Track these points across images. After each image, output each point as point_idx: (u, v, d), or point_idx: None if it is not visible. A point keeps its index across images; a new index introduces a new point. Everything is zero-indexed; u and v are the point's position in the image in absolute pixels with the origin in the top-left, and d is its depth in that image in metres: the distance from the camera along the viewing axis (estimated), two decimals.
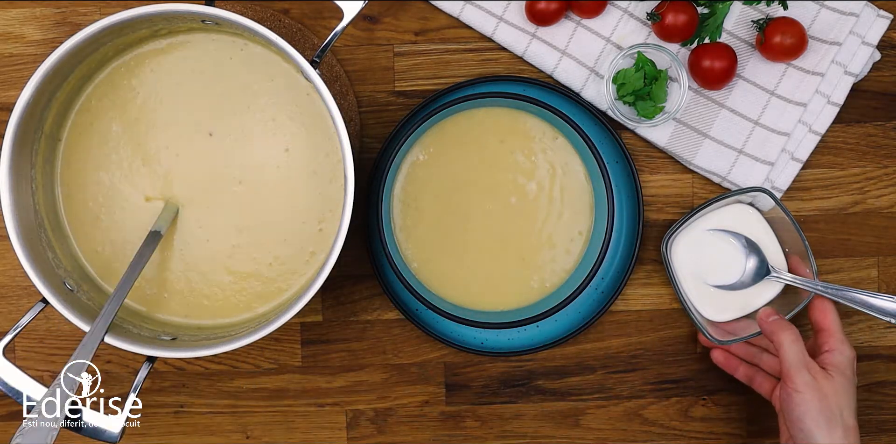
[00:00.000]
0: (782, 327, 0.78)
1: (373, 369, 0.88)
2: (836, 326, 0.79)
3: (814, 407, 0.75)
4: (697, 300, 0.84)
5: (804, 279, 0.82)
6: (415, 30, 0.86)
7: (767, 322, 0.79)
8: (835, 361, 0.77)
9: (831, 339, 0.79)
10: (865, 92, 0.86)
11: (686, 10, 0.81)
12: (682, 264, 0.84)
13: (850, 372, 0.77)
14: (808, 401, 0.75)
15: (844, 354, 0.78)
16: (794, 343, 0.77)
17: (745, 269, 0.83)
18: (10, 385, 0.72)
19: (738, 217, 0.84)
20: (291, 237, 0.80)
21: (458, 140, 0.84)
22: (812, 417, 0.75)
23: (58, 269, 0.77)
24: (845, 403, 0.76)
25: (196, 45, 0.80)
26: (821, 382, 0.75)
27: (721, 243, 0.84)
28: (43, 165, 0.79)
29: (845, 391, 0.76)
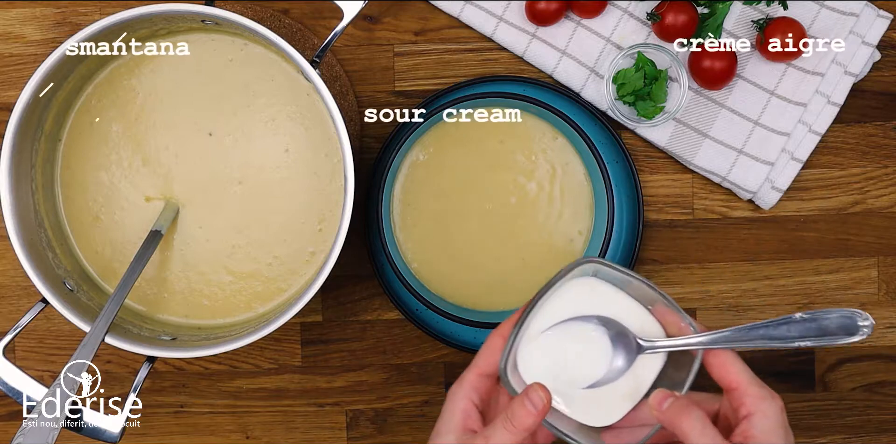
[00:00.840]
0: (680, 413, 0.61)
1: (373, 369, 0.88)
2: (744, 378, 0.62)
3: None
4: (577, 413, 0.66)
5: (683, 339, 0.65)
6: (415, 30, 0.86)
7: (662, 412, 0.62)
8: (758, 429, 0.61)
9: (745, 398, 0.62)
10: (865, 92, 0.86)
11: (686, 10, 0.81)
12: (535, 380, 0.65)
13: (782, 431, 0.61)
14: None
15: (768, 415, 0.61)
16: (703, 431, 0.60)
17: (611, 354, 0.66)
18: (10, 385, 0.72)
19: (578, 299, 0.67)
20: (291, 237, 0.80)
21: (458, 140, 0.84)
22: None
23: (58, 269, 0.77)
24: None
25: (196, 45, 0.80)
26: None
27: (569, 339, 0.66)
28: (43, 165, 0.79)
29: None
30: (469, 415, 0.65)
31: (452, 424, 0.65)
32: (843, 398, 0.89)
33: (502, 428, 0.63)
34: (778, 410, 0.61)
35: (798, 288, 0.88)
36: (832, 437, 0.89)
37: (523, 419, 0.62)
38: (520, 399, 0.63)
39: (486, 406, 0.67)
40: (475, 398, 0.66)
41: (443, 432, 0.65)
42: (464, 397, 0.66)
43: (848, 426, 0.89)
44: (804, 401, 0.88)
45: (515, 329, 0.66)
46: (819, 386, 0.88)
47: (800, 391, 0.88)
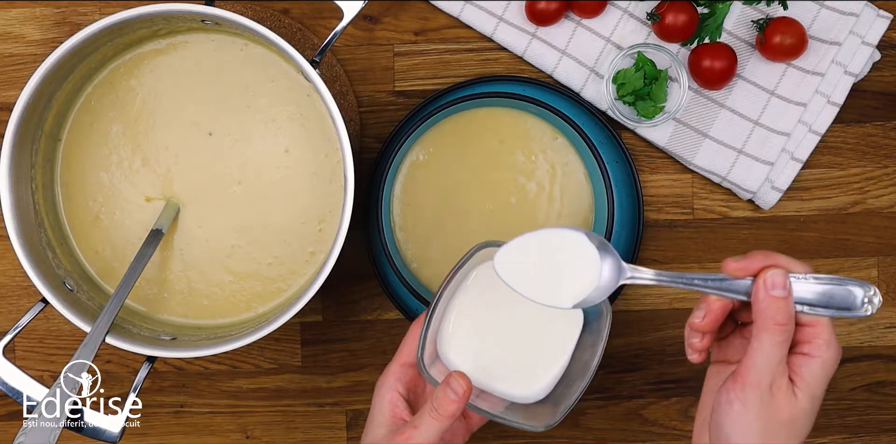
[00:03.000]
0: (774, 319, 0.57)
1: (373, 369, 0.88)
2: (825, 320, 0.59)
3: (752, 433, 0.57)
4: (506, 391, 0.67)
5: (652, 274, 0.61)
6: (415, 30, 0.86)
7: (769, 297, 0.58)
8: (810, 374, 0.58)
9: (817, 339, 0.58)
10: (865, 92, 0.86)
11: (686, 10, 0.81)
12: None
13: (823, 390, 0.58)
14: (749, 422, 0.57)
15: (826, 364, 0.58)
16: (777, 346, 0.57)
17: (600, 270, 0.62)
18: (10, 385, 0.73)
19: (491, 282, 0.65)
20: (291, 237, 0.80)
21: (458, 140, 0.84)
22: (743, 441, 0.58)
23: (58, 269, 0.77)
24: (797, 432, 0.58)
25: (196, 45, 0.80)
26: (779, 403, 0.57)
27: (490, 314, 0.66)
28: (43, 165, 0.79)
29: (806, 419, 0.58)
30: (396, 405, 0.68)
31: (382, 416, 0.68)
32: (843, 398, 0.89)
33: (429, 417, 0.65)
34: (835, 364, 0.58)
35: None
36: (832, 437, 0.89)
37: (447, 407, 0.65)
38: (442, 388, 0.65)
39: (413, 396, 0.70)
40: (401, 389, 0.69)
41: (374, 425, 0.68)
42: (389, 388, 0.69)
43: (848, 426, 0.89)
44: None
45: (426, 321, 0.67)
46: None
47: None
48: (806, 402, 0.57)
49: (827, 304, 0.58)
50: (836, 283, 0.58)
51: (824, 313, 0.58)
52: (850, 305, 0.58)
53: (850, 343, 0.88)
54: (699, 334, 0.62)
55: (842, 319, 0.88)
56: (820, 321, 0.58)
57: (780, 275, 0.58)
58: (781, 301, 0.58)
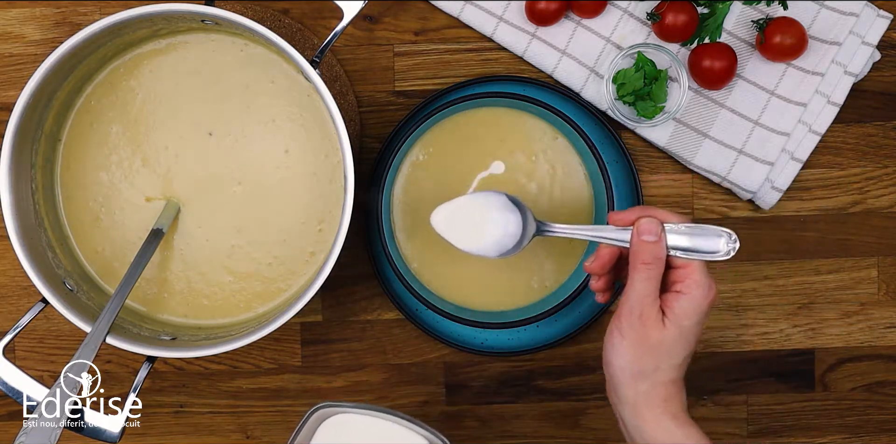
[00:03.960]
0: (641, 259, 0.66)
1: (373, 369, 0.88)
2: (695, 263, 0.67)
3: (626, 356, 0.66)
4: None
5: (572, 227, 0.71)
6: (415, 30, 0.86)
7: (640, 242, 0.67)
8: (679, 307, 0.66)
9: (687, 279, 0.67)
10: (865, 92, 0.86)
11: (686, 10, 0.81)
12: None
13: (692, 321, 0.66)
14: (623, 347, 0.66)
15: (695, 300, 0.66)
16: (645, 282, 0.66)
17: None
18: (10, 385, 0.73)
19: None
20: (291, 237, 0.80)
21: (458, 140, 0.84)
22: (620, 366, 0.67)
23: (58, 269, 0.77)
24: (666, 357, 0.66)
25: (196, 45, 0.80)
26: (649, 330, 0.66)
27: None
28: (43, 165, 0.79)
29: (673, 344, 0.66)
30: None
31: None
32: (843, 398, 0.89)
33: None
34: (705, 299, 0.66)
35: (798, 288, 0.88)
36: (832, 437, 0.89)
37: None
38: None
39: None
40: None
41: None
42: None
43: (848, 426, 0.89)
44: (804, 401, 0.89)
45: None
46: (819, 386, 0.88)
47: (800, 390, 0.88)
48: (673, 329, 0.66)
49: (696, 249, 0.67)
50: (704, 231, 0.67)
51: (694, 256, 0.67)
52: (715, 250, 0.67)
53: (850, 343, 0.88)
54: (595, 277, 0.72)
55: (842, 318, 0.88)
56: (690, 264, 0.67)
57: (651, 223, 0.67)
58: (649, 245, 0.66)
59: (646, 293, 0.66)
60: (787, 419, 0.89)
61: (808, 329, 0.88)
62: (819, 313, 0.88)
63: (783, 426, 0.89)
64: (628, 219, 0.68)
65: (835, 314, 0.88)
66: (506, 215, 0.72)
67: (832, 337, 0.88)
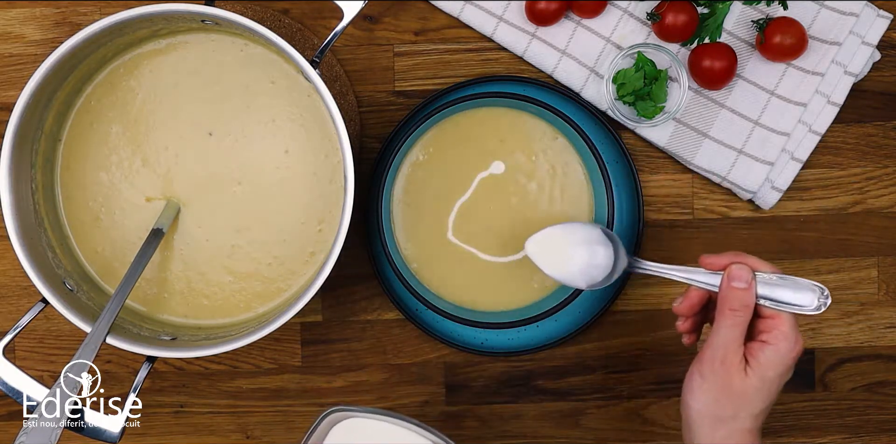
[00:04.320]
0: (729, 305, 0.67)
1: (373, 369, 0.88)
2: (785, 315, 0.67)
3: (705, 400, 0.67)
4: None
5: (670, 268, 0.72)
6: (415, 30, 0.86)
7: (729, 288, 0.67)
8: (763, 357, 0.66)
9: (775, 330, 0.67)
10: (865, 92, 0.86)
11: (686, 10, 0.81)
12: None
13: (776, 373, 0.66)
14: (703, 391, 0.67)
15: (779, 352, 0.66)
16: (731, 328, 0.66)
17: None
18: (10, 385, 0.73)
19: None
20: (291, 237, 0.80)
21: (458, 140, 0.84)
22: (698, 409, 0.67)
23: (58, 269, 0.77)
24: (746, 406, 0.66)
25: (195, 45, 0.80)
26: (731, 377, 0.66)
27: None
28: (43, 165, 0.79)
29: (755, 394, 0.66)
30: None
31: None
32: (843, 398, 0.89)
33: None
34: (790, 352, 0.66)
35: None
36: (832, 437, 0.89)
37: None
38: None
39: None
40: None
41: None
42: None
43: (848, 426, 0.89)
44: (804, 401, 0.88)
45: None
46: (819, 386, 0.88)
47: (800, 390, 0.88)
48: (755, 379, 0.66)
49: (785, 301, 0.67)
50: (795, 284, 0.67)
51: (783, 308, 0.67)
52: (805, 304, 0.67)
53: (850, 343, 0.88)
54: (682, 318, 0.72)
55: (842, 318, 0.88)
56: (779, 315, 0.67)
57: (742, 270, 0.67)
58: (738, 292, 0.67)
59: (731, 340, 0.66)
60: (787, 419, 0.89)
61: (808, 329, 0.88)
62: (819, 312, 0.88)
63: (783, 426, 0.89)
64: (720, 264, 0.68)
65: (835, 314, 0.88)
66: (594, 248, 0.76)
67: (832, 337, 0.88)
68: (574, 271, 0.75)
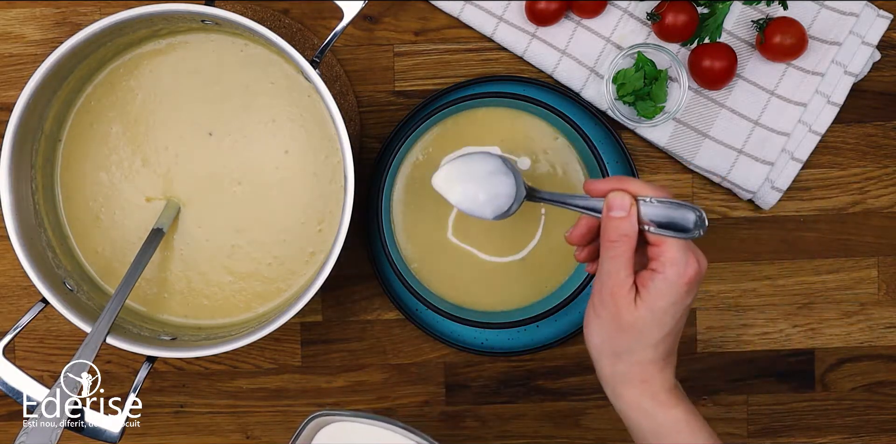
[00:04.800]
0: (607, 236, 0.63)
1: (373, 369, 0.88)
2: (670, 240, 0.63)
3: (601, 335, 0.65)
4: None
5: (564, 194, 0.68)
6: (415, 30, 0.86)
7: (607, 217, 0.63)
8: (653, 287, 0.62)
9: (661, 256, 0.63)
10: (865, 92, 0.86)
11: (686, 10, 0.81)
12: None
13: (667, 302, 0.62)
14: (597, 326, 0.65)
15: (667, 279, 0.62)
16: (612, 260, 0.63)
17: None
18: (10, 385, 0.73)
19: None
20: (291, 238, 0.80)
21: (458, 140, 0.84)
22: (595, 344, 0.65)
23: (58, 269, 0.77)
24: (639, 338, 0.63)
25: (195, 45, 0.80)
26: (620, 310, 0.63)
27: None
28: (43, 165, 0.79)
29: (647, 325, 0.63)
30: None
31: None
32: (843, 398, 0.89)
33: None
34: (680, 278, 0.62)
35: (798, 288, 0.88)
36: (832, 437, 0.89)
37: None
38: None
39: None
40: None
41: None
42: None
43: (848, 426, 0.89)
44: (804, 401, 0.89)
45: None
46: (819, 386, 0.88)
47: (800, 391, 0.88)
48: (644, 311, 0.62)
49: (668, 225, 0.62)
50: (673, 206, 0.62)
51: (665, 233, 0.62)
52: (685, 227, 0.62)
53: (850, 343, 0.88)
54: (578, 247, 0.69)
55: (842, 318, 0.88)
56: (664, 241, 0.62)
57: (619, 197, 0.63)
58: (615, 221, 0.63)
59: (613, 272, 0.63)
60: (787, 419, 0.89)
61: (808, 329, 0.88)
62: (819, 313, 0.88)
63: (783, 426, 0.89)
64: (602, 190, 0.65)
65: (835, 314, 0.88)
66: (498, 178, 0.71)
67: (832, 337, 0.88)
68: (481, 201, 0.71)
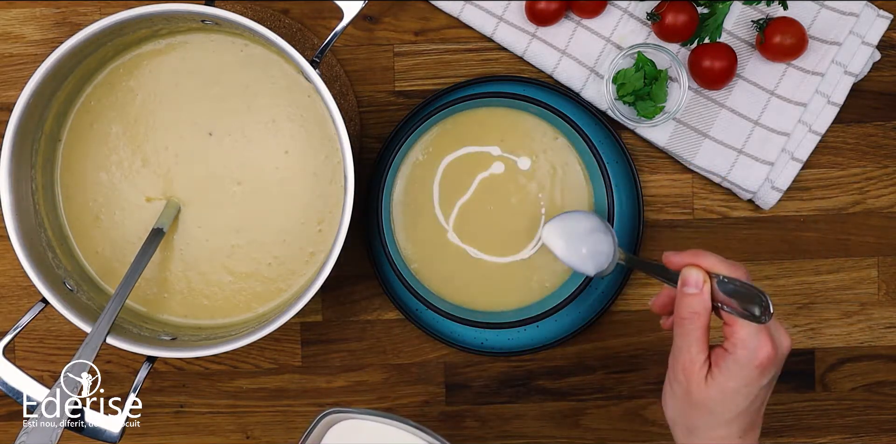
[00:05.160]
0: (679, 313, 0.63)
1: (373, 369, 0.88)
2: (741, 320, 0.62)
3: (675, 409, 0.65)
4: None
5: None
6: (415, 30, 0.86)
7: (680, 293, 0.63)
8: (725, 367, 0.61)
9: (732, 337, 0.61)
10: (865, 92, 0.86)
11: (686, 10, 0.81)
12: None
13: (738, 383, 0.61)
14: (670, 400, 0.65)
15: (738, 361, 0.61)
16: (682, 338, 0.63)
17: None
18: (10, 385, 0.73)
19: None
20: (291, 238, 0.80)
21: (458, 140, 0.84)
22: (671, 417, 0.66)
23: (58, 269, 0.77)
24: (709, 416, 0.62)
25: (195, 45, 0.80)
26: (691, 387, 0.62)
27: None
28: (43, 165, 0.79)
29: (717, 406, 0.62)
30: None
31: None
32: (843, 398, 0.89)
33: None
34: (751, 361, 0.61)
35: (798, 288, 0.88)
36: (832, 437, 0.89)
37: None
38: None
39: None
40: None
41: None
42: None
43: (848, 426, 0.89)
44: (804, 401, 0.89)
45: None
46: (819, 386, 0.88)
47: (800, 390, 0.88)
48: (715, 391, 0.61)
49: (740, 306, 0.61)
50: (742, 288, 0.61)
51: (735, 313, 0.61)
52: (752, 312, 0.61)
53: (850, 343, 0.88)
54: (663, 316, 0.69)
55: (842, 318, 0.88)
56: (735, 321, 0.61)
57: (693, 274, 0.63)
58: (687, 298, 0.62)
59: (684, 348, 0.62)
60: (787, 419, 0.89)
61: (808, 329, 0.88)
62: (819, 313, 0.88)
63: (783, 426, 0.89)
64: (678, 263, 0.64)
65: (835, 314, 0.88)
66: (599, 235, 0.77)
67: (832, 337, 0.88)
68: (585, 256, 0.77)
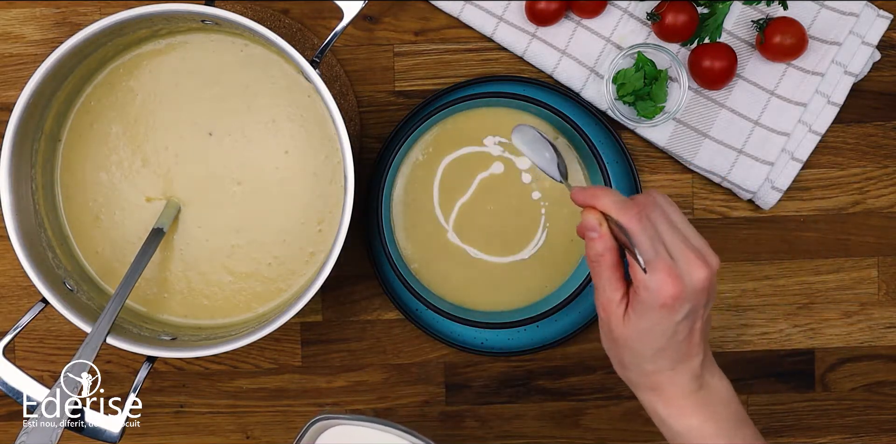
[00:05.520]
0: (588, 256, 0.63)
1: (373, 369, 0.88)
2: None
3: (606, 346, 0.66)
4: None
5: None
6: (415, 30, 0.86)
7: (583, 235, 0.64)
8: (635, 304, 0.62)
9: (635, 277, 0.62)
10: (865, 92, 0.86)
11: (686, 10, 0.81)
12: None
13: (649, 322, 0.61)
14: (603, 337, 0.66)
15: (643, 301, 0.61)
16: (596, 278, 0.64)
17: None
18: (10, 385, 0.73)
19: None
20: (291, 238, 0.80)
21: (458, 140, 0.84)
22: (607, 353, 0.67)
23: (58, 269, 0.77)
24: (630, 353, 0.63)
25: (195, 45, 0.80)
26: (611, 325, 0.63)
27: None
28: (43, 165, 0.79)
29: (636, 342, 0.63)
30: None
31: None
32: (843, 398, 0.89)
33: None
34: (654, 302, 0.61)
35: (798, 288, 0.88)
36: (832, 437, 0.89)
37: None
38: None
39: None
40: None
41: None
42: None
43: (848, 426, 0.89)
44: (804, 401, 0.89)
45: None
46: (819, 386, 0.88)
47: (800, 390, 0.88)
48: (630, 329, 0.62)
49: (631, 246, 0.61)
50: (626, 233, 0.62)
51: (631, 255, 0.61)
52: None
53: (850, 343, 0.88)
54: None
55: (842, 318, 0.88)
56: (634, 263, 0.61)
57: (590, 217, 0.63)
58: (591, 241, 0.63)
59: (599, 288, 0.64)
60: (787, 419, 0.89)
61: (808, 329, 0.88)
62: (819, 313, 0.88)
63: (783, 426, 0.89)
64: (580, 203, 0.65)
65: (835, 314, 0.88)
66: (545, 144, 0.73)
67: (832, 337, 0.88)
68: (549, 160, 0.73)
